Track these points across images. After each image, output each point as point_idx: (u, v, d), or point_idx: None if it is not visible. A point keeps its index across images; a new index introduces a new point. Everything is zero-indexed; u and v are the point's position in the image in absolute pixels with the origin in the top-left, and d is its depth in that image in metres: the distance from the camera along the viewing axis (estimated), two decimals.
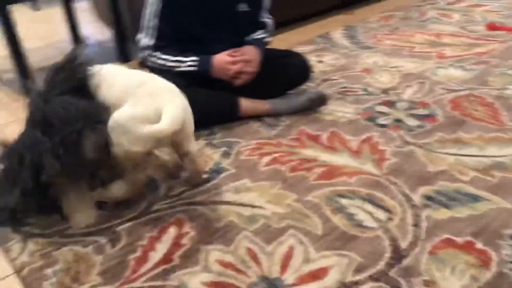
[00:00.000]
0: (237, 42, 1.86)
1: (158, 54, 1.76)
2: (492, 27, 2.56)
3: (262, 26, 1.92)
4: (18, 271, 1.20)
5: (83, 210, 1.36)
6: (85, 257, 1.22)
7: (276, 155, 1.60)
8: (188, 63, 1.74)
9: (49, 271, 1.19)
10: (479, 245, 1.15)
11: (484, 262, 1.10)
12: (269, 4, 1.93)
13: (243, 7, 1.83)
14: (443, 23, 2.76)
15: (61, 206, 1.35)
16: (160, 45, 1.76)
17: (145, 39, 1.77)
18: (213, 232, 1.27)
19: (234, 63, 1.75)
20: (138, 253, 1.22)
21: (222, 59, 1.75)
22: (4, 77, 2.49)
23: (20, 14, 2.31)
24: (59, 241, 1.29)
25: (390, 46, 2.47)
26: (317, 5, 2.99)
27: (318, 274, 1.11)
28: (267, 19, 1.94)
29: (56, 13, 3.78)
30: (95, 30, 3.23)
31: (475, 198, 1.31)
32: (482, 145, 1.55)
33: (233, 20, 1.83)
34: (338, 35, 2.69)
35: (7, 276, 1.20)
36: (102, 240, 1.28)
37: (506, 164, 1.45)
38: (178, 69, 1.74)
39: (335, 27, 2.83)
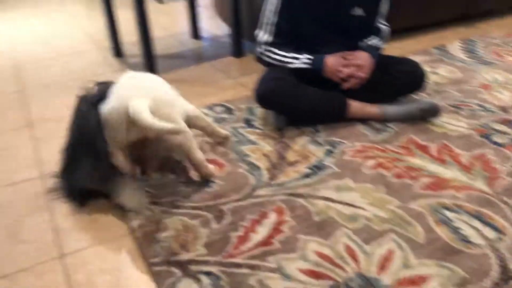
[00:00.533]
0: (349, 44, 1.88)
1: (274, 50, 1.83)
2: None
3: (377, 31, 1.92)
4: (132, 233, 1.33)
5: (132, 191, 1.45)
6: (192, 228, 1.32)
7: (381, 159, 1.59)
8: (303, 60, 1.80)
9: (160, 235, 1.30)
10: None
11: None
12: (387, 10, 1.92)
13: (358, 12, 1.84)
14: None
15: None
16: (277, 42, 1.84)
17: (264, 35, 1.85)
18: (312, 224, 1.31)
19: (346, 65, 1.77)
20: (240, 232, 1.29)
21: (335, 60, 1.78)
22: (131, 61, 2.74)
23: (148, 5, 2.52)
24: (170, 210, 1.40)
25: None
26: (435, 16, 2.89)
27: (416, 281, 1.10)
28: (383, 26, 1.93)
29: (178, 7, 4.06)
30: (212, 25, 3.42)
31: None
32: None
33: (347, 23, 1.85)
34: (455, 48, 2.58)
35: (124, 235, 1.34)
36: (208, 215, 1.37)
37: None
38: (292, 65, 1.80)
39: (452, 39, 2.72)
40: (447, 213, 1.31)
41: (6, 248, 1.32)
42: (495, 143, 1.65)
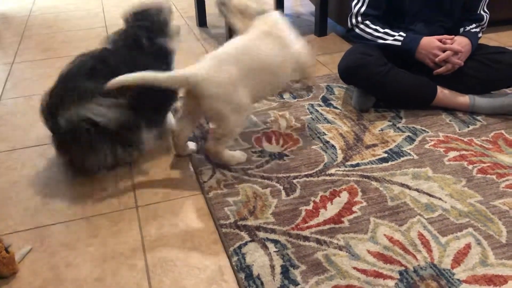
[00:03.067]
0: (447, 26, 1.77)
1: (368, 22, 1.77)
2: None
3: (479, 18, 1.79)
4: (205, 193, 1.36)
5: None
6: (262, 196, 1.33)
7: (465, 152, 1.50)
8: (396, 37, 1.72)
9: (230, 199, 1.32)
10: None
11: None
12: None
13: None
14: None
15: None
16: (372, 14, 1.77)
17: (358, 5, 1.79)
18: (385, 208, 1.26)
19: (443, 49, 1.67)
20: (309, 207, 1.28)
21: (432, 41, 1.68)
22: (213, 31, 2.78)
23: None
24: (242, 177, 1.42)
25: None
26: None
27: (494, 280, 1.03)
28: (484, 13, 1.80)
29: None
30: (297, 3, 3.38)
31: None
32: None
33: (451, 2, 1.74)
34: None
35: (195, 194, 1.37)
36: (279, 186, 1.37)
37: None
38: (383, 41, 1.73)
39: None
40: None
41: (89, 193, 1.40)
42: None
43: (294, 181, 1.39)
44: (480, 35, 1.81)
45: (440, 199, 1.29)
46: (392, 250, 1.12)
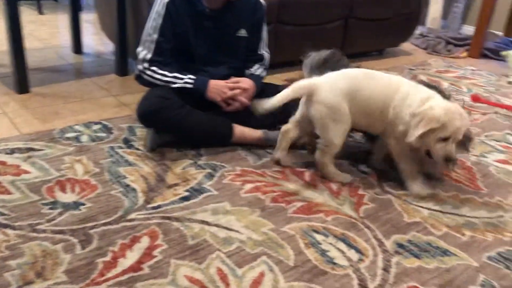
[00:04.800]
0: (235, 67, 1.93)
1: (155, 68, 1.80)
2: (476, 98, 2.68)
3: (260, 58, 1.99)
4: None
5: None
6: (53, 253, 1.20)
7: (259, 184, 1.62)
8: (185, 79, 1.79)
9: (13, 262, 1.16)
10: None
11: None
12: (267, 37, 2.01)
13: (242, 33, 1.91)
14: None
15: None
16: (158, 60, 1.81)
17: (143, 52, 1.81)
18: (186, 248, 1.27)
19: (231, 89, 1.81)
20: (107, 257, 1.21)
21: (219, 81, 1.81)
22: (0, 70, 2.49)
23: (25, 15, 2.34)
24: (28, 235, 1.27)
25: None
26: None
27: None
28: (265, 52, 2.02)
29: (61, 20, 3.84)
30: (97, 42, 3.27)
31: (445, 252, 1.34)
32: (457, 204, 1.60)
33: (233, 44, 1.90)
34: None
35: None
36: (73, 239, 1.26)
37: (476, 225, 1.49)
38: (174, 85, 1.78)
39: None
40: (317, 236, 1.37)
41: None
42: (361, 171, 1.78)
43: (91, 231, 1.30)
44: (264, 73, 2.01)
45: (237, 231, 1.36)
46: None
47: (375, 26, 3.27)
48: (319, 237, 1.37)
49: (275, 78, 2.75)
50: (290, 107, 1.74)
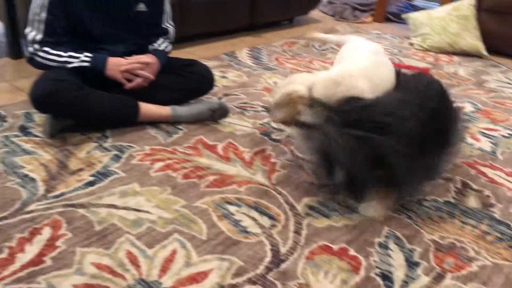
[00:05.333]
0: (137, 43, 1.84)
1: (48, 49, 1.66)
2: None
3: (164, 32, 1.92)
4: None
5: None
6: None
7: (170, 161, 1.58)
8: (82, 58, 1.67)
9: None
10: (352, 252, 1.23)
11: (354, 267, 1.17)
12: (170, 10, 1.94)
13: (142, 7, 1.81)
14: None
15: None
16: (50, 40, 1.67)
17: (32, 32, 1.67)
18: (92, 234, 1.21)
19: (131, 63, 1.73)
20: (4, 255, 1.12)
21: (119, 58, 1.72)
22: None
23: None
24: None
25: (290, 69, 2.58)
26: (226, 24, 3.06)
27: (196, 278, 1.10)
28: (169, 26, 1.94)
29: None
30: None
31: (352, 210, 1.40)
32: None
33: (132, 20, 1.80)
34: (243, 54, 2.76)
35: None
36: None
37: None
38: (70, 65, 1.66)
39: (241, 46, 2.91)
40: (230, 207, 1.37)
41: None
42: (274, 139, 1.80)
43: None
44: (169, 47, 1.94)
45: (147, 212, 1.32)
46: (99, 277, 1.08)
47: None
48: (232, 208, 1.36)
49: (184, 53, 2.68)
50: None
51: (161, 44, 1.91)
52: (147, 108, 1.79)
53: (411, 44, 3.22)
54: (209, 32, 2.98)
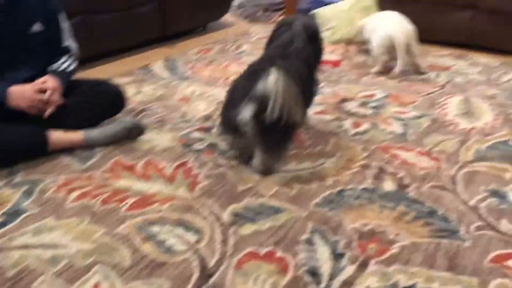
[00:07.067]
0: (38, 66, 1.74)
1: None
2: None
3: (66, 50, 1.83)
4: None
5: None
6: None
7: (87, 189, 1.51)
8: None
9: None
10: (279, 254, 1.24)
11: (282, 268, 1.19)
12: (69, 26, 1.85)
13: (36, 28, 1.72)
14: (255, 55, 2.98)
15: None
16: None
17: None
18: (4, 281, 1.13)
19: (37, 90, 1.63)
20: None
21: (24, 88, 1.62)
22: None
23: None
24: None
25: (207, 76, 2.57)
26: (137, 38, 2.98)
27: None
28: (71, 43, 1.85)
29: None
30: None
31: (277, 210, 1.41)
32: (285, 161, 1.69)
33: (28, 42, 1.70)
34: (158, 67, 2.71)
35: None
36: None
37: (303, 176, 1.60)
38: None
39: (155, 59, 2.85)
40: (153, 228, 1.33)
41: None
42: (195, 150, 1.77)
43: None
44: (73, 66, 1.83)
45: (65, 246, 1.25)
46: None
47: (192, 2, 3.26)
48: (155, 229, 1.33)
49: (96, 71, 2.59)
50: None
51: (63, 64, 1.81)
52: (58, 136, 1.70)
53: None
54: (120, 47, 2.90)
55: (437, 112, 2.09)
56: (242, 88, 1.56)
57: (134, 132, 1.84)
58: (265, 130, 1.50)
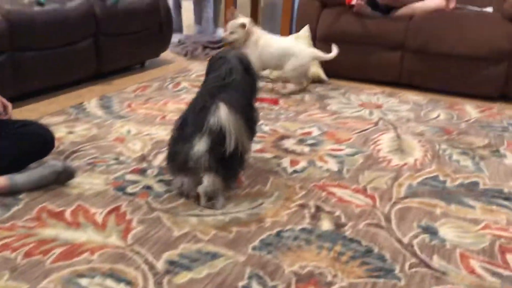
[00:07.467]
0: None
1: None
2: None
3: None
4: None
5: None
6: None
7: (7, 240, 1.40)
8: None
9: None
10: None
11: None
12: None
13: None
14: (194, 93, 2.97)
15: None
16: None
17: None
18: None
19: None
20: None
21: None
22: None
23: None
24: None
25: (144, 114, 2.52)
26: (70, 75, 2.88)
27: None
28: None
29: None
30: None
31: (214, 256, 1.37)
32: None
33: None
34: (92, 105, 2.62)
35: None
36: None
37: (241, 218, 1.57)
38: None
39: (90, 97, 2.77)
40: (81, 280, 1.24)
41: None
42: (129, 193, 1.70)
43: None
44: None
45: None
46: None
47: (129, 40, 3.22)
48: (84, 281, 1.24)
49: (25, 110, 2.47)
50: None
51: None
52: None
53: (262, 76, 3.38)
54: (52, 85, 2.78)
55: (371, 149, 2.16)
56: (193, 123, 1.58)
57: (63, 176, 1.74)
58: (221, 161, 1.54)
